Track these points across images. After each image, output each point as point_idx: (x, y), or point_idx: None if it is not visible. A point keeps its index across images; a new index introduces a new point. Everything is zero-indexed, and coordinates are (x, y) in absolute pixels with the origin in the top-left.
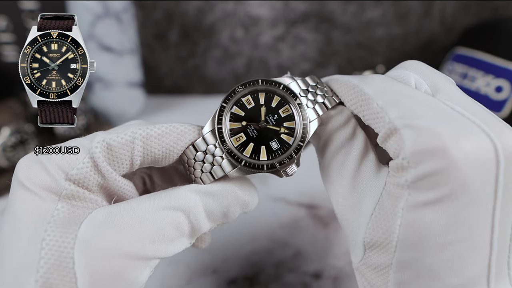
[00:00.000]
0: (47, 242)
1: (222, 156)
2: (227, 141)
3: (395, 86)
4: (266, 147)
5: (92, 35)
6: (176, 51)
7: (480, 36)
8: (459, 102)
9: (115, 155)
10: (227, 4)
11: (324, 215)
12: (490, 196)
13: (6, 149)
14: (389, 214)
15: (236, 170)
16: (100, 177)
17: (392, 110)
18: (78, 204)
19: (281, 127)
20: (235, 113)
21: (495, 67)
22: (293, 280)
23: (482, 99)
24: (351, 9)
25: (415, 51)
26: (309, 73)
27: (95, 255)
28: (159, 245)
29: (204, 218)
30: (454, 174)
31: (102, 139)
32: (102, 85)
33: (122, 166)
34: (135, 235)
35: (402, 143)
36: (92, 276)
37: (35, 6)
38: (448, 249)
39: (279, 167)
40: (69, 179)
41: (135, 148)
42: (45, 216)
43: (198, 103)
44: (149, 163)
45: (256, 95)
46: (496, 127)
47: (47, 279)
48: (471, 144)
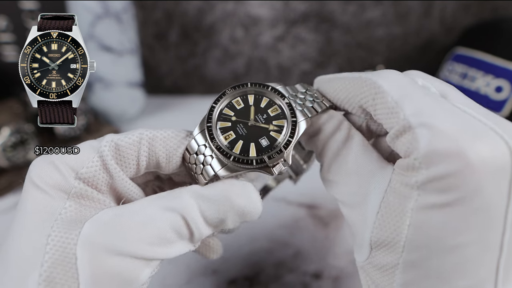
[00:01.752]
0: (52, 238)
1: (212, 155)
2: (217, 138)
3: (409, 82)
4: (255, 144)
5: (92, 35)
6: (176, 51)
7: (480, 36)
8: (468, 105)
9: (123, 154)
10: (227, 4)
11: (324, 215)
12: (504, 199)
13: (6, 149)
14: (397, 213)
15: (225, 168)
16: (109, 176)
17: (408, 106)
18: (86, 204)
19: (270, 124)
20: (225, 113)
21: (495, 67)
22: (293, 280)
23: (482, 99)
24: (351, 9)
25: (415, 51)
26: (309, 73)
27: (96, 252)
28: (159, 247)
29: (202, 222)
30: (469, 178)
31: (110, 139)
32: (102, 85)
33: (129, 166)
34: (135, 236)
35: (416, 143)
36: (93, 272)
37: (35, 6)
38: (457, 252)
39: (268, 161)
40: (78, 177)
41: (141, 148)
42: (53, 213)
43: (198, 103)
44: (154, 166)
45: (246, 97)
46: (510, 129)
47: (51, 273)
48: (487, 147)
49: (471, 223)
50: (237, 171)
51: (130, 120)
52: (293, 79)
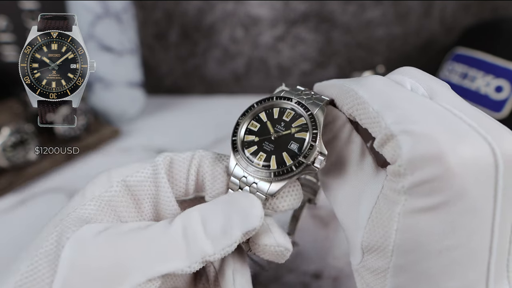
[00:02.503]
0: (57, 229)
1: (255, 181)
2: (250, 165)
3: (391, 88)
4: (287, 152)
5: (92, 35)
6: (176, 51)
7: (480, 36)
8: (455, 105)
9: (175, 167)
10: (227, 4)
11: (324, 215)
12: (490, 201)
13: (6, 149)
14: (385, 218)
15: (272, 185)
16: (155, 189)
17: (388, 115)
18: (106, 211)
19: (291, 128)
20: (247, 141)
21: (495, 67)
22: (293, 280)
23: (482, 99)
24: (351, 9)
25: (415, 51)
26: (309, 73)
27: (79, 253)
28: (148, 264)
29: (202, 233)
30: (451, 180)
31: (166, 154)
32: (102, 85)
33: (179, 182)
34: (124, 249)
35: (399, 150)
36: (68, 272)
37: (35, 6)
38: (446, 255)
39: (305, 160)
40: (123, 180)
41: (193, 163)
42: (72, 209)
43: (198, 103)
44: (200, 187)
45: (258, 117)
46: (495, 130)
47: (39, 265)
48: (469, 149)
49: (457, 226)
50: (284, 182)
51: (130, 120)
52: (293, 79)
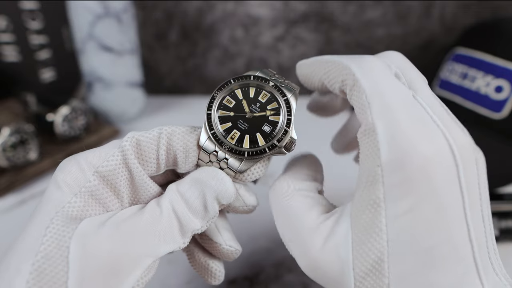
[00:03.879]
0: (49, 229)
1: (226, 157)
2: (225, 141)
3: (384, 77)
4: (261, 133)
5: (92, 35)
6: (176, 51)
7: (480, 36)
8: (428, 103)
9: (143, 149)
10: (227, 4)
11: None
12: (458, 198)
13: (6, 149)
14: (372, 232)
15: (243, 163)
16: (128, 173)
17: (375, 108)
18: (92, 204)
19: (266, 111)
20: (221, 116)
21: (495, 67)
22: (293, 280)
23: (482, 99)
24: (351, 9)
25: (415, 51)
26: None
27: (89, 247)
28: (155, 247)
29: (189, 213)
30: (420, 181)
31: (132, 135)
32: (102, 85)
33: (149, 162)
34: (132, 238)
35: (378, 151)
36: (83, 266)
37: (35, 6)
38: (432, 253)
39: (279, 144)
40: (97, 172)
41: (161, 142)
42: (58, 207)
43: (198, 103)
44: (172, 162)
45: (234, 93)
46: (451, 128)
47: (43, 264)
48: (433, 150)
49: (435, 224)
50: (255, 162)
51: (130, 120)
52: (293, 79)
